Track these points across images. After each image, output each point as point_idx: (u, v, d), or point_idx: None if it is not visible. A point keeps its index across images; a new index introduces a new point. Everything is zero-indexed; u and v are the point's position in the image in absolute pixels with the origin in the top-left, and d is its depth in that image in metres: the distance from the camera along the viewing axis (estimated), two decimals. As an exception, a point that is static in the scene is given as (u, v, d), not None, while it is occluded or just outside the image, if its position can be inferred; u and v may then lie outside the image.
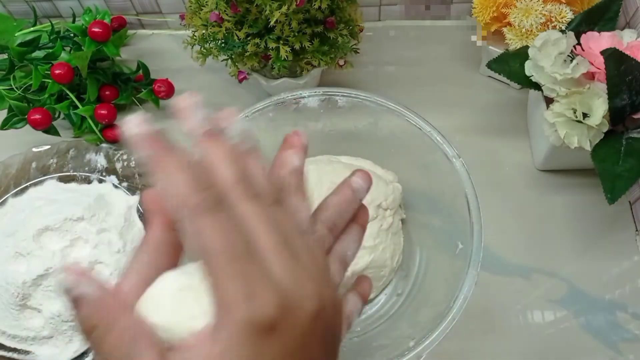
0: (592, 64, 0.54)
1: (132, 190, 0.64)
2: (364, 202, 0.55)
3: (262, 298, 0.22)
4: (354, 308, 0.34)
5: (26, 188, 0.64)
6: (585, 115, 0.53)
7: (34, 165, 0.65)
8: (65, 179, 0.65)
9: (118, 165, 0.66)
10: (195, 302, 0.24)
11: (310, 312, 0.24)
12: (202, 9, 0.60)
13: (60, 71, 0.64)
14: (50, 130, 0.67)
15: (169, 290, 0.25)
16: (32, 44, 0.68)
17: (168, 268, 0.27)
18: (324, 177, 0.58)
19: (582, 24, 0.58)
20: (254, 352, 0.22)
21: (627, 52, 0.51)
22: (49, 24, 0.71)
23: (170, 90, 0.69)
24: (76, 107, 0.67)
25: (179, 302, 0.24)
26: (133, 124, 0.25)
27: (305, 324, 0.24)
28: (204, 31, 0.61)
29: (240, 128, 0.28)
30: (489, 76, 0.72)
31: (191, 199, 0.23)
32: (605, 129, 0.53)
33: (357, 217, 0.33)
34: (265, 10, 0.55)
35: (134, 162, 0.66)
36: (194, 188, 0.24)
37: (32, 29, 0.72)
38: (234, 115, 0.28)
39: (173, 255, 0.27)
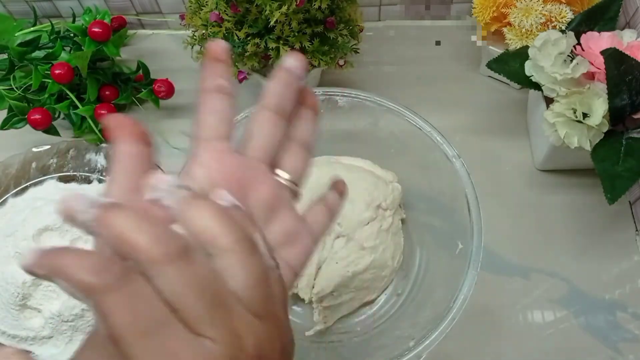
0: (592, 64, 0.54)
1: (132, 190, 0.64)
2: (365, 202, 0.55)
3: None
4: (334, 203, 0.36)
5: (26, 188, 0.64)
6: (585, 115, 0.53)
7: (34, 165, 0.65)
8: (65, 179, 0.65)
9: (118, 165, 0.66)
10: None
11: None
12: (202, 9, 0.60)
13: (60, 71, 0.64)
14: (50, 130, 0.67)
15: None
16: (32, 44, 0.68)
17: (144, 178, 0.26)
18: (323, 179, 0.57)
19: (582, 24, 0.58)
20: None
21: (627, 52, 0.51)
22: (49, 24, 0.71)
23: (170, 90, 0.69)
24: (76, 107, 0.67)
25: None
26: (26, 258, 0.23)
27: None
28: (204, 31, 0.61)
29: (166, 186, 0.26)
30: (489, 76, 0.72)
31: (94, 281, 0.21)
32: (605, 129, 0.53)
33: (304, 100, 0.34)
34: (265, 10, 0.55)
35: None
36: (95, 270, 0.22)
37: (32, 29, 0.72)
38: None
39: (145, 164, 0.27)
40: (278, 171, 0.32)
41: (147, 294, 0.22)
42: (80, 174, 0.65)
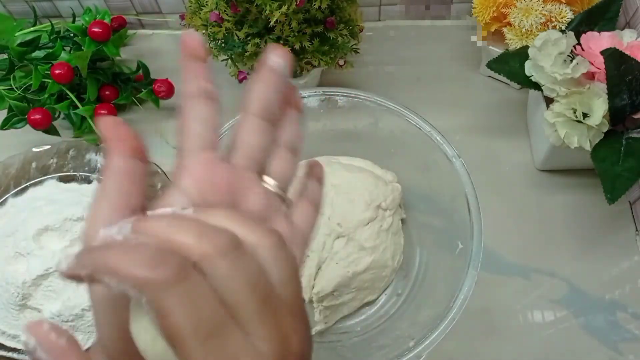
0: (592, 64, 0.54)
1: (132, 190, 0.64)
2: (365, 202, 0.55)
3: None
4: (315, 195, 0.33)
5: (26, 188, 0.64)
6: (585, 115, 0.53)
7: (34, 165, 0.65)
8: (65, 179, 0.65)
9: (118, 165, 0.66)
10: None
11: None
12: (202, 9, 0.60)
13: (60, 71, 0.64)
14: (50, 130, 0.67)
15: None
16: (32, 44, 0.68)
17: (137, 196, 0.25)
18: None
19: (582, 24, 0.58)
20: None
21: (627, 52, 0.51)
22: (49, 24, 0.71)
23: (170, 90, 0.69)
24: (76, 107, 0.67)
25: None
26: (61, 265, 0.23)
27: None
28: (204, 31, 0.61)
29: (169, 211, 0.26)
30: (489, 76, 0.72)
31: (150, 276, 0.20)
32: (605, 129, 0.53)
33: (289, 99, 0.31)
34: (265, 10, 0.55)
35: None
36: (150, 264, 0.20)
37: (32, 29, 0.72)
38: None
39: (140, 182, 0.26)
40: (265, 178, 0.30)
41: (204, 292, 0.21)
42: (80, 174, 0.65)
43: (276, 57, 0.29)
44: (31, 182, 0.64)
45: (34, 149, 0.66)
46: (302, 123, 0.32)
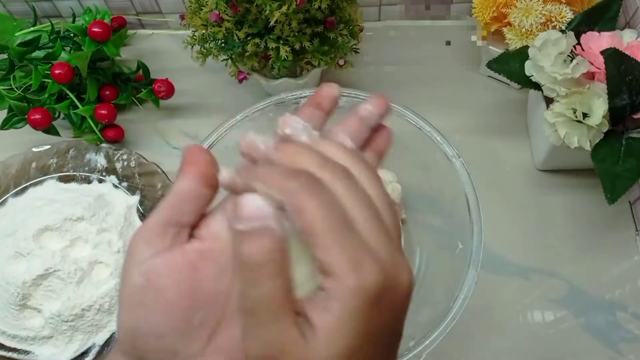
0: (592, 64, 0.54)
1: (132, 190, 0.64)
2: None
3: (369, 267, 0.23)
4: None
5: (26, 188, 0.64)
6: (585, 115, 0.53)
7: (34, 165, 0.65)
8: (65, 179, 0.65)
9: (118, 165, 0.66)
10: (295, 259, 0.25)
11: (407, 287, 0.26)
12: (202, 9, 0.60)
13: (60, 71, 0.64)
14: (50, 130, 0.67)
15: None
16: (32, 44, 0.68)
17: (189, 215, 0.28)
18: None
19: (582, 24, 0.58)
20: (363, 322, 0.23)
21: (627, 52, 0.51)
22: (49, 24, 0.71)
23: (170, 90, 0.69)
24: (76, 107, 0.67)
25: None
26: (222, 175, 0.28)
27: (402, 298, 0.26)
28: (204, 31, 0.61)
29: (301, 125, 0.30)
30: (489, 76, 0.72)
31: (289, 184, 0.25)
32: (605, 129, 0.53)
33: (371, 142, 0.33)
34: (265, 10, 0.55)
35: (133, 162, 0.66)
36: (287, 177, 0.25)
37: (32, 29, 0.72)
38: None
39: (197, 204, 0.28)
40: None
41: (331, 196, 0.25)
42: (80, 174, 0.65)
43: (367, 105, 0.33)
44: (31, 182, 0.64)
45: (34, 149, 0.66)
46: (375, 166, 0.34)
